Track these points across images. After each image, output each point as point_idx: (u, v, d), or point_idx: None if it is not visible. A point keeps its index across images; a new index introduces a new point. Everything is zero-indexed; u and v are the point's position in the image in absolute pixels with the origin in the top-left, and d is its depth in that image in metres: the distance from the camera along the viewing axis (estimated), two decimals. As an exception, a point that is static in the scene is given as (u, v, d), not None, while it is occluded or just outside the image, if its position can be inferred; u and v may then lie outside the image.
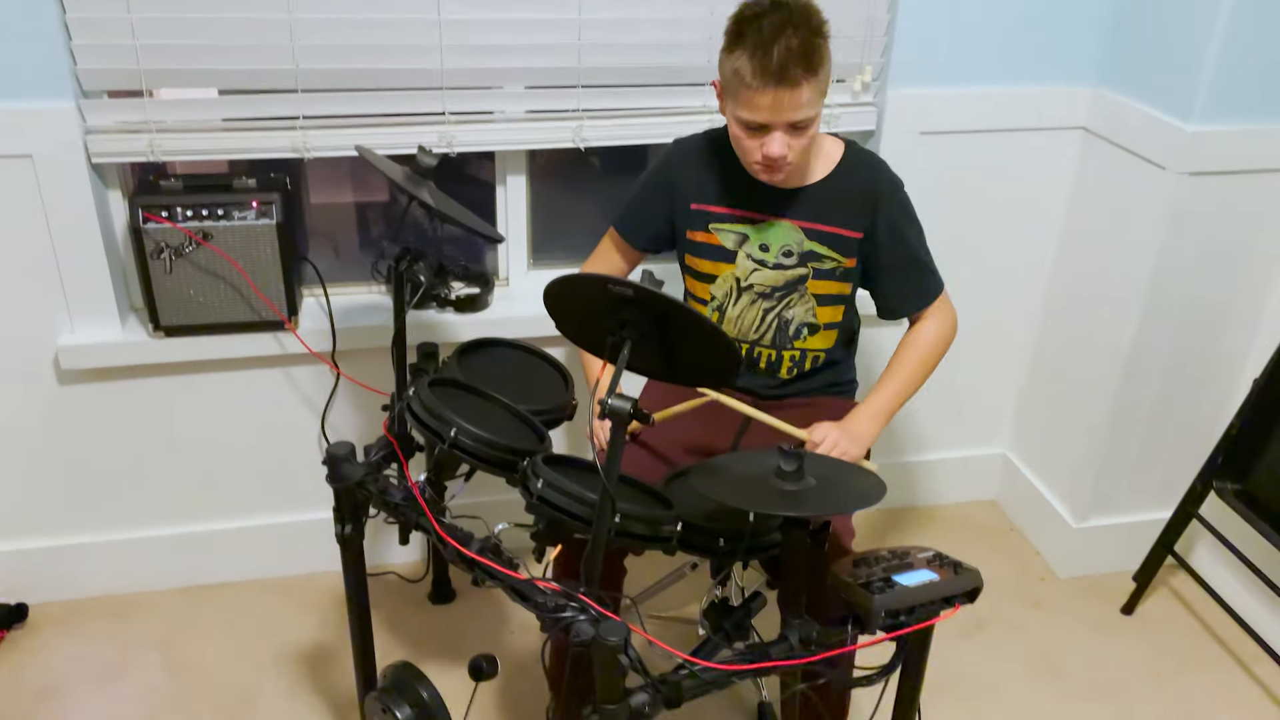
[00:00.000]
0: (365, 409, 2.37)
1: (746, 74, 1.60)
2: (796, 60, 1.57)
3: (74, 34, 1.92)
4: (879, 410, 1.82)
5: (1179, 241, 2.21)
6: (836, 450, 1.71)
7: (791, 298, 1.87)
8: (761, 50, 1.58)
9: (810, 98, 1.62)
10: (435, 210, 1.79)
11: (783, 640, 1.47)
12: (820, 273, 1.86)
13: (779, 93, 1.60)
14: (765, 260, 1.86)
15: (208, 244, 2.06)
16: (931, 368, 1.89)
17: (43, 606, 2.36)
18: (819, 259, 1.85)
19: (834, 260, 1.85)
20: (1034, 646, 2.38)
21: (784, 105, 1.61)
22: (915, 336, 1.90)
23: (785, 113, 1.63)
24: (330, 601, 2.41)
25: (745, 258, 1.87)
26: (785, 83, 1.59)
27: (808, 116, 1.65)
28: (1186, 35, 2.09)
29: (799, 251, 1.85)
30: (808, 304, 1.88)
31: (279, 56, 2.01)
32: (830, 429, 1.74)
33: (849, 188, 1.83)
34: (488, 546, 1.55)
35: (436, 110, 2.12)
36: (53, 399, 2.19)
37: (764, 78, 1.59)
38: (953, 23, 2.24)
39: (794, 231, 1.85)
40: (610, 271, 2.00)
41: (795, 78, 1.59)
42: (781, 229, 1.85)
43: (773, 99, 1.61)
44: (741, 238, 1.86)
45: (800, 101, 1.61)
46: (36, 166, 1.98)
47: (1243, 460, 2.28)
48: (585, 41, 2.12)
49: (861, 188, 1.83)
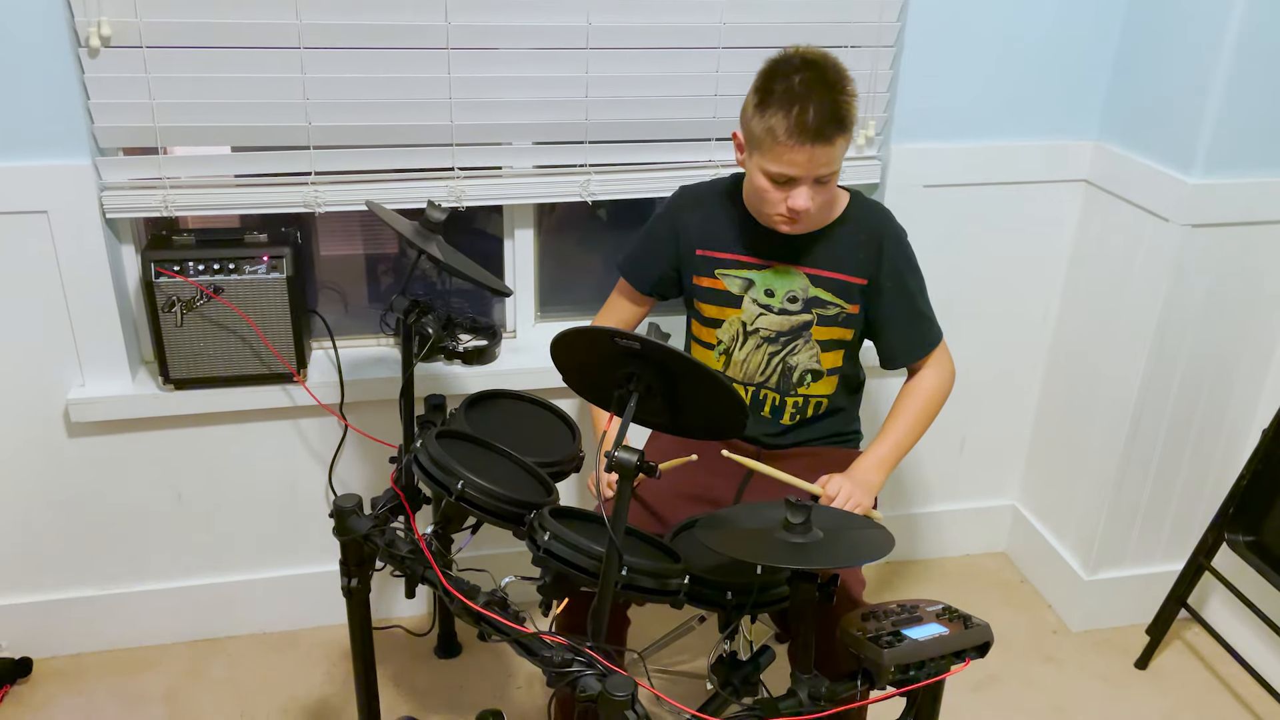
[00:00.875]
0: (373, 461, 2.37)
1: (780, 132, 1.63)
2: (830, 119, 1.62)
3: (91, 93, 1.96)
4: (883, 458, 1.83)
5: (1183, 292, 2.22)
6: (851, 502, 1.71)
7: (796, 344, 1.88)
8: (798, 108, 1.61)
9: (840, 153, 1.68)
10: (444, 264, 1.81)
11: (792, 695, 1.45)
12: (824, 319, 1.87)
13: (815, 150, 1.64)
14: (771, 305, 1.87)
15: (219, 298, 2.08)
16: (932, 416, 1.89)
17: (48, 661, 2.34)
18: (823, 305, 1.87)
19: (838, 306, 1.87)
20: (1047, 701, 2.35)
21: (818, 161, 1.66)
22: (915, 386, 1.91)
23: (816, 169, 1.67)
24: (336, 655, 2.39)
25: (751, 303, 1.88)
26: (821, 140, 1.63)
27: (835, 170, 1.70)
28: (1188, 88, 2.12)
29: (804, 297, 1.86)
30: (812, 350, 1.89)
31: (291, 114, 2.05)
32: (842, 481, 1.74)
33: (855, 235, 1.86)
34: (494, 600, 1.54)
35: (446, 165, 2.16)
36: (62, 451, 2.20)
37: (801, 136, 1.62)
38: (955, 77, 2.27)
39: (799, 277, 1.86)
40: (620, 321, 2.01)
41: (830, 135, 1.63)
42: (787, 275, 1.87)
43: (808, 156, 1.64)
44: (747, 283, 1.88)
45: (832, 157, 1.66)
46: (52, 222, 2.00)
47: (1254, 511, 2.26)
48: (593, 98, 2.16)
49: (867, 235, 1.86)
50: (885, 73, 2.27)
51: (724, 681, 1.53)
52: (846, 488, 1.72)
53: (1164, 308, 2.22)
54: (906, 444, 1.86)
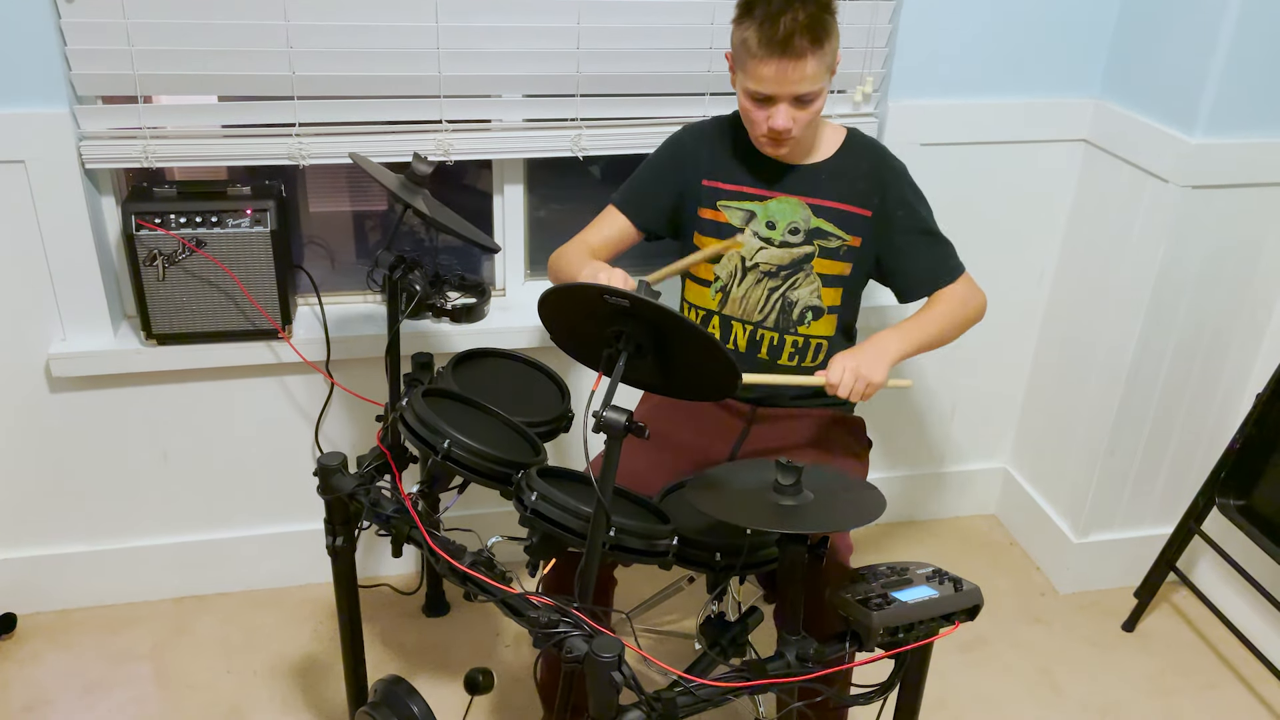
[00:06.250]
0: (359, 419, 2.35)
1: (753, 44, 1.65)
2: (802, 32, 1.62)
3: (69, 39, 1.91)
4: (901, 329, 1.77)
5: (1181, 255, 2.19)
6: (859, 385, 1.66)
7: (797, 278, 1.86)
8: (769, 21, 1.62)
9: (815, 71, 1.66)
10: (430, 219, 1.78)
11: (780, 657, 1.45)
12: (826, 251, 1.85)
13: (783, 63, 1.64)
14: (772, 238, 1.85)
15: (201, 251, 2.05)
16: (958, 322, 1.84)
17: (31, 617, 2.33)
18: (825, 236, 1.85)
19: (839, 239, 1.85)
20: (1034, 663, 2.36)
21: (789, 76, 1.65)
22: (943, 293, 1.86)
23: (790, 85, 1.66)
24: (323, 613, 2.39)
25: (752, 235, 1.86)
26: (790, 53, 1.63)
27: (812, 90, 1.69)
28: (1191, 46, 2.08)
29: (805, 229, 1.84)
30: (813, 284, 1.86)
31: (275, 63, 2.00)
32: (845, 361, 1.68)
33: (855, 166, 1.85)
34: (480, 560, 1.53)
35: (434, 118, 2.11)
36: (44, 407, 2.17)
37: (770, 48, 1.63)
38: (954, 34, 2.23)
39: (801, 208, 1.84)
40: (602, 246, 1.94)
41: (800, 49, 1.63)
42: (789, 205, 1.84)
43: (776, 69, 1.64)
44: (749, 215, 1.86)
45: (805, 74, 1.65)
46: (29, 172, 1.96)
47: (1246, 475, 2.26)
48: (584, 50, 2.11)
49: (867, 167, 1.85)
50: (884, 26, 2.22)
51: (712, 642, 1.52)
52: (850, 369, 1.67)
53: (1161, 270, 2.20)
54: (930, 329, 1.80)
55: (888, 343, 1.73)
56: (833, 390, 1.67)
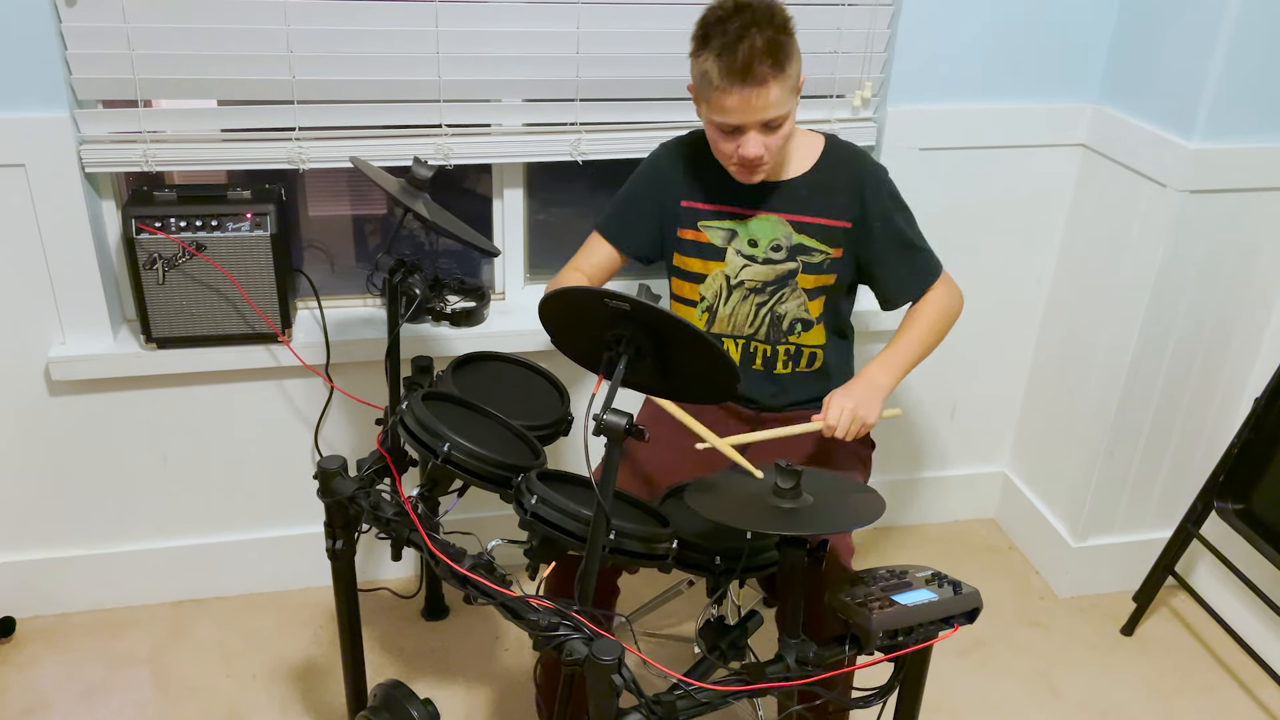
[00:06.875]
0: (359, 423, 2.35)
1: (714, 75, 1.62)
2: (762, 58, 1.59)
3: (69, 43, 1.91)
4: (888, 360, 1.79)
5: (1179, 259, 2.20)
6: (855, 424, 1.68)
7: (783, 293, 1.86)
8: (728, 51, 1.60)
9: (779, 95, 1.63)
10: (430, 223, 1.78)
11: (779, 660, 1.45)
12: (809, 266, 1.85)
13: (746, 91, 1.61)
14: (755, 256, 1.85)
15: (201, 255, 2.05)
16: (939, 331, 1.86)
17: (31, 620, 2.33)
18: (808, 251, 1.85)
19: (822, 253, 1.85)
20: (1033, 667, 2.36)
21: (753, 104, 1.63)
22: (920, 305, 1.87)
23: (756, 112, 1.64)
24: (323, 617, 2.39)
25: (734, 254, 1.86)
26: (752, 81, 1.60)
27: (779, 115, 1.66)
28: (1189, 51, 2.08)
29: (788, 245, 1.84)
30: (799, 298, 1.87)
31: (275, 67, 2.00)
32: (842, 402, 1.70)
33: (833, 179, 1.84)
34: (480, 563, 1.53)
35: (434, 122, 2.11)
36: (44, 410, 2.17)
37: (731, 77, 1.61)
38: (953, 38, 2.23)
39: (781, 225, 1.84)
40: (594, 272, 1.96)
41: (762, 75, 1.60)
42: (769, 223, 1.84)
43: (740, 98, 1.62)
44: (730, 234, 1.86)
45: (769, 100, 1.63)
46: (29, 176, 1.96)
47: (1244, 479, 2.26)
48: (584, 54, 2.11)
49: (846, 179, 1.84)
50: (883, 31, 2.23)
51: (711, 646, 1.52)
52: (848, 411, 1.68)
53: (1159, 275, 2.20)
54: (914, 351, 1.82)
55: (878, 378, 1.76)
56: (830, 433, 1.69)
